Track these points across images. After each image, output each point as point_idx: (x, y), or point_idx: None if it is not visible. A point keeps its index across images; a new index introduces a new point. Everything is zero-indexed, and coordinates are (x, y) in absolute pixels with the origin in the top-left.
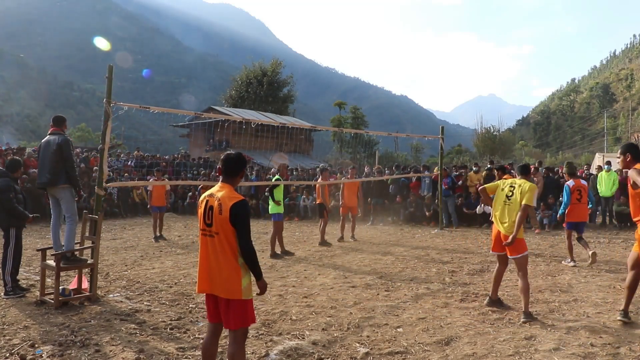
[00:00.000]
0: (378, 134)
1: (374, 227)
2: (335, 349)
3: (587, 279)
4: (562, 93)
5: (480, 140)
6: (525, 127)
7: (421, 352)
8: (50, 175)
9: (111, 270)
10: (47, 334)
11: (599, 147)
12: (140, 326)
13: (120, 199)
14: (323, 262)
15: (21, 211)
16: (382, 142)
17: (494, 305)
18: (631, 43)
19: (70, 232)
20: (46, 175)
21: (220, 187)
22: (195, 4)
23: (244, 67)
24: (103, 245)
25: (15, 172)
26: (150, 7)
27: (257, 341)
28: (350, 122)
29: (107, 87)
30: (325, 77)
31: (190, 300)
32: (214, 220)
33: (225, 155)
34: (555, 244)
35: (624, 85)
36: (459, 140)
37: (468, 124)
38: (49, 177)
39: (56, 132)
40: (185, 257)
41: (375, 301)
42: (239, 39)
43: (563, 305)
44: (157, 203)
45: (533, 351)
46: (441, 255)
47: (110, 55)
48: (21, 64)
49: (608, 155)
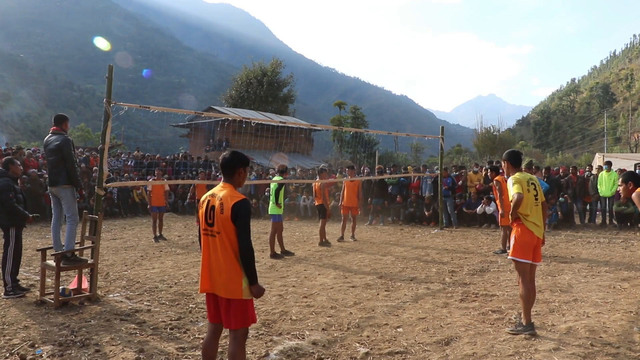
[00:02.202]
0: (378, 134)
1: (374, 227)
2: (335, 349)
3: (587, 279)
4: (562, 93)
5: (480, 140)
6: (525, 127)
7: (421, 352)
8: (51, 174)
9: (111, 270)
10: (47, 334)
11: (599, 147)
12: (140, 326)
13: (120, 199)
14: (323, 262)
15: (21, 211)
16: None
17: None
18: (631, 43)
19: (71, 232)
20: (49, 175)
21: (221, 187)
22: (195, 4)
23: (244, 67)
24: (103, 245)
25: (9, 170)
26: (150, 7)
27: (257, 341)
28: (350, 122)
29: (107, 87)
30: (325, 77)
31: (190, 300)
32: (216, 219)
33: (221, 157)
34: (555, 244)
35: (624, 85)
36: (459, 140)
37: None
38: (50, 176)
39: (57, 131)
40: (185, 257)
41: (375, 301)
42: (238, 39)
43: (563, 305)
44: (156, 203)
45: (533, 351)
46: (441, 255)
47: (110, 55)
48: (21, 64)
49: (608, 155)
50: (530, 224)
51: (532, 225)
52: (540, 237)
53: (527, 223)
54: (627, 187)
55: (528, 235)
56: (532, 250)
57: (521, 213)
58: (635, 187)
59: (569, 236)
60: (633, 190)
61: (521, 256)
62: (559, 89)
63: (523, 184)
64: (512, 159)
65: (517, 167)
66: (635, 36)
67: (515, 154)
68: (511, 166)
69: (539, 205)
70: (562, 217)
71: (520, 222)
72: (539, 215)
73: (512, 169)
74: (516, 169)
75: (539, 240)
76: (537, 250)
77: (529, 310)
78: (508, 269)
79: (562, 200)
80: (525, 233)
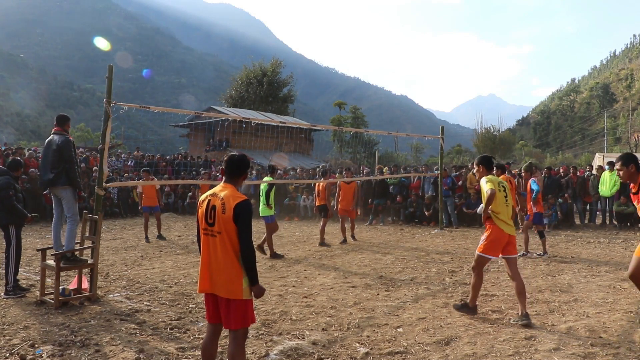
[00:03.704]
0: (378, 134)
1: (374, 227)
2: (335, 349)
3: (587, 279)
4: (562, 93)
5: (480, 140)
6: (525, 127)
7: (421, 352)
8: (52, 175)
9: (111, 270)
10: (47, 334)
11: (599, 147)
12: (140, 326)
13: (120, 199)
14: (323, 262)
15: (20, 209)
16: (382, 142)
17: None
18: (631, 43)
19: (71, 232)
20: (48, 175)
21: (222, 187)
22: (195, 4)
23: (244, 67)
24: (103, 245)
25: (16, 171)
26: (150, 7)
27: (257, 341)
28: (350, 122)
29: (107, 87)
30: (325, 77)
31: (190, 300)
32: (217, 219)
33: (229, 156)
34: (555, 244)
35: (624, 85)
36: (459, 140)
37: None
38: (51, 177)
39: (58, 132)
40: (185, 257)
41: (375, 301)
42: (238, 39)
43: (563, 305)
44: (147, 203)
45: (533, 351)
46: (441, 255)
47: (110, 55)
48: (21, 64)
49: (608, 155)
50: (501, 223)
51: (503, 223)
52: (512, 234)
53: (498, 222)
54: (629, 169)
55: (499, 233)
56: (501, 248)
57: (493, 211)
58: (637, 171)
59: (569, 236)
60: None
61: (490, 253)
62: (559, 89)
63: (495, 183)
64: (485, 163)
65: (490, 170)
66: (635, 36)
67: (489, 159)
68: (485, 170)
69: (509, 206)
70: (562, 217)
71: (492, 222)
72: (509, 214)
73: (486, 172)
74: (489, 172)
75: (511, 237)
76: (510, 246)
77: (476, 296)
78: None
79: (560, 202)
80: (497, 231)
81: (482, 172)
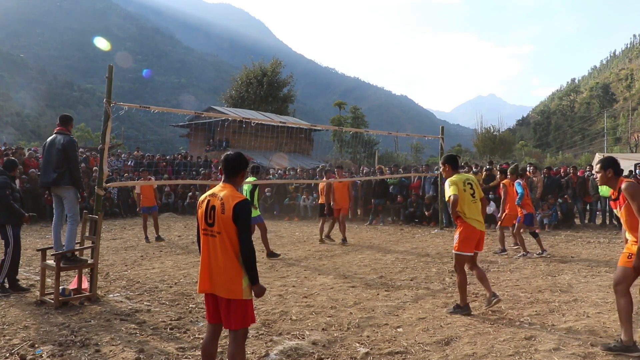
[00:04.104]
0: (378, 134)
1: (374, 227)
2: (335, 349)
3: (587, 279)
4: (562, 93)
5: (480, 140)
6: (525, 127)
7: (421, 352)
8: (55, 175)
9: (111, 270)
10: (47, 334)
11: (599, 147)
12: (140, 326)
13: (120, 199)
14: (323, 262)
15: (17, 209)
16: (382, 142)
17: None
18: (631, 43)
19: (71, 232)
20: (51, 175)
21: (222, 187)
22: (195, 4)
23: (244, 67)
24: (103, 245)
25: (12, 171)
26: (150, 7)
27: (257, 341)
28: (350, 122)
29: (107, 87)
30: (325, 77)
31: (190, 300)
32: (216, 219)
33: (224, 156)
34: (555, 244)
35: (624, 85)
36: (459, 140)
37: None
38: (54, 176)
39: (62, 131)
40: (185, 257)
41: (375, 301)
42: (239, 39)
43: (563, 305)
44: (146, 204)
45: (533, 351)
46: (441, 255)
47: (110, 55)
48: (21, 64)
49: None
50: (471, 220)
51: (473, 221)
52: (483, 230)
53: (467, 220)
54: (606, 174)
55: (470, 230)
56: (475, 244)
57: (460, 211)
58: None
59: (569, 236)
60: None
61: (465, 250)
62: (559, 89)
63: (459, 184)
64: (451, 162)
65: (456, 169)
66: (635, 36)
67: (454, 158)
68: (451, 169)
69: (477, 202)
70: (562, 217)
71: (462, 220)
72: (477, 211)
73: (451, 171)
74: (454, 172)
75: (482, 233)
76: (480, 242)
77: (465, 294)
78: (508, 269)
79: (560, 202)
80: (468, 229)
81: (448, 172)
